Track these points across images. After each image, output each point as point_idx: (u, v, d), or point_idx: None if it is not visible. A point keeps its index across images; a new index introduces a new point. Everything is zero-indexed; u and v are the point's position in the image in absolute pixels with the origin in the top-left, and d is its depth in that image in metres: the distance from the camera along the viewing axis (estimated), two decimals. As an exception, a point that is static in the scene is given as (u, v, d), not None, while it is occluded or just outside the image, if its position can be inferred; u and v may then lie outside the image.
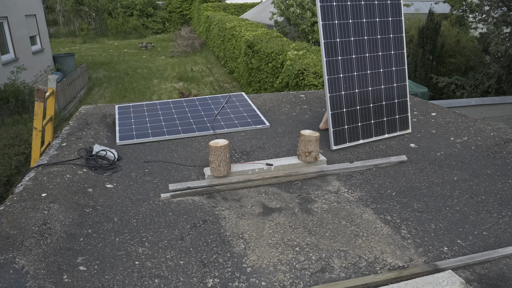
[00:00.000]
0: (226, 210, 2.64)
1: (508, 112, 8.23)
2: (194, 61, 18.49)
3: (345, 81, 3.61)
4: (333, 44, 3.58)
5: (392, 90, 3.89)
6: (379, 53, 3.80)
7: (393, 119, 3.87)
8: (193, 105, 4.61)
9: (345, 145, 3.63)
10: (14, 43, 11.90)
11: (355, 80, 3.65)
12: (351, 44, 3.67)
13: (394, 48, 3.88)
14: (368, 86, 3.68)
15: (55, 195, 2.63)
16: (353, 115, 3.66)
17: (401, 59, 3.94)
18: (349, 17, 3.64)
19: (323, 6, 3.53)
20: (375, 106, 3.80)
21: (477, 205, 2.67)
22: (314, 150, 3.11)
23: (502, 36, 9.13)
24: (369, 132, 3.74)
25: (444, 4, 16.41)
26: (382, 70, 3.80)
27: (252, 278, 2.00)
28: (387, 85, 3.83)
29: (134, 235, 2.35)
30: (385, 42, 3.84)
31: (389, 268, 2.08)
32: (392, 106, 3.90)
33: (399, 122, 3.90)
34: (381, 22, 3.83)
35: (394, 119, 3.88)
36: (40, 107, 3.55)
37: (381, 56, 3.81)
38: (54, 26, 27.24)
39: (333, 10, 3.59)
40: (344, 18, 3.63)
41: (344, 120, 3.63)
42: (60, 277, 1.98)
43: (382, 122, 3.81)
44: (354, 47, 3.67)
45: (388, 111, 3.87)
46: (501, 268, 2.07)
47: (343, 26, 3.63)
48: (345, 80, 3.61)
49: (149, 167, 3.28)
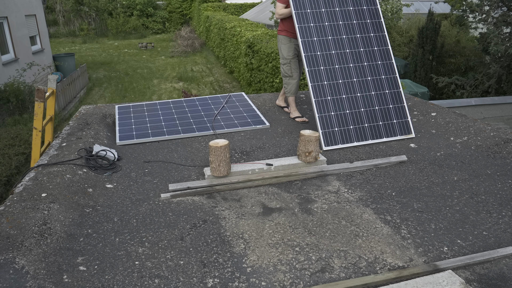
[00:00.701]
0: (226, 210, 2.64)
1: (508, 112, 8.23)
2: (194, 61, 18.50)
3: (330, 88, 3.74)
4: (314, 57, 3.80)
5: (385, 95, 3.93)
6: (364, 63, 3.94)
7: (391, 123, 3.89)
8: (193, 105, 4.61)
9: (337, 146, 3.65)
10: (14, 43, 11.90)
11: (340, 86, 3.76)
12: (333, 56, 3.86)
13: (380, 58, 3.98)
14: (356, 93, 3.78)
15: (55, 195, 2.63)
16: (343, 117, 3.73)
17: (390, 68, 4.00)
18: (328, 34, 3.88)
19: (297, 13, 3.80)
20: (367, 111, 3.85)
21: (477, 205, 2.67)
22: (314, 150, 3.11)
23: (502, 36, 9.13)
24: (364, 135, 3.75)
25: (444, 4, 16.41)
26: (370, 78, 3.90)
27: (252, 278, 2.00)
28: (377, 92, 3.90)
29: (134, 235, 2.35)
30: (370, 54, 3.99)
31: (389, 268, 2.08)
32: (387, 111, 3.93)
33: (398, 127, 3.90)
34: (363, 37, 4.00)
35: (392, 124, 3.89)
36: (40, 107, 3.55)
37: (366, 66, 3.93)
38: (54, 26, 27.24)
39: (311, 30, 3.82)
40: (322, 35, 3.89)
41: (333, 123, 3.72)
42: (60, 277, 1.98)
43: (378, 126, 3.83)
44: (336, 59, 3.82)
45: (382, 115, 3.90)
46: (501, 268, 2.07)
47: (322, 42, 3.87)
48: (330, 86, 3.75)
49: (149, 167, 3.28)
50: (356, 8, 3.97)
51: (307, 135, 3.07)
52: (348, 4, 3.96)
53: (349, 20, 3.90)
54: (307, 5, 3.82)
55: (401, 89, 4.00)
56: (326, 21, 3.79)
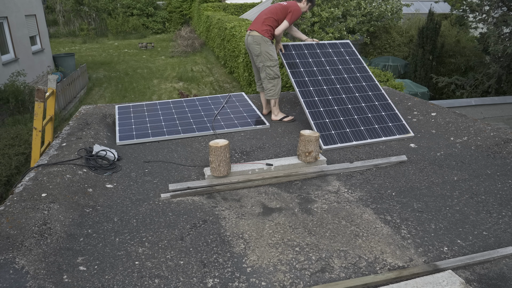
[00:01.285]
0: (226, 210, 2.64)
1: (508, 112, 8.23)
2: (194, 61, 18.49)
3: (322, 102, 4.03)
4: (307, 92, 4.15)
5: (375, 106, 4.14)
6: (350, 84, 4.32)
7: (387, 126, 3.95)
8: (193, 105, 4.61)
9: (336, 145, 3.67)
10: (14, 43, 11.90)
11: (331, 101, 4.06)
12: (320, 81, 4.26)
13: (368, 87, 4.33)
14: (347, 104, 4.06)
15: (55, 195, 2.63)
16: (338, 123, 3.85)
17: (375, 87, 4.34)
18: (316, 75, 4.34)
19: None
20: (362, 118, 3.97)
21: (477, 205, 2.67)
22: (314, 150, 3.11)
23: (502, 36, 9.13)
24: (361, 135, 3.79)
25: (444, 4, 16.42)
26: (359, 94, 4.21)
27: (252, 278, 2.00)
28: (368, 103, 4.15)
29: (134, 235, 2.35)
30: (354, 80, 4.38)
31: (389, 268, 2.08)
32: (381, 117, 4.05)
33: (395, 129, 3.95)
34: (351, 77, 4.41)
35: (388, 126, 3.95)
36: (40, 107, 3.55)
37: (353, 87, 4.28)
38: (54, 26, 27.23)
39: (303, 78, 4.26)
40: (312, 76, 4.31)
41: (329, 128, 3.81)
42: (60, 277, 1.98)
43: (374, 128, 3.90)
44: (328, 92, 4.18)
45: (377, 120, 4.00)
46: (501, 268, 2.07)
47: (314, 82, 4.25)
48: (322, 101, 4.05)
49: (149, 167, 3.28)
50: (340, 58, 4.55)
51: (307, 135, 3.07)
52: (331, 55, 4.55)
53: (336, 65, 4.46)
54: (296, 57, 4.38)
55: (390, 101, 4.26)
56: (314, 66, 4.34)
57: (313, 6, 4.32)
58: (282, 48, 4.45)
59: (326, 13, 12.74)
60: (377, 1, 13.97)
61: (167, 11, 29.33)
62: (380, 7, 13.69)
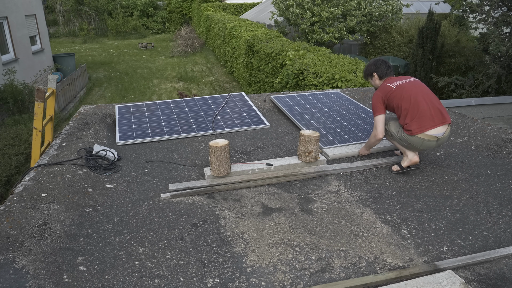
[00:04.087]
0: (226, 210, 2.64)
1: (508, 112, 8.23)
2: (194, 61, 18.50)
3: (314, 119, 4.25)
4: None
5: (370, 122, 4.20)
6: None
7: None
8: (193, 105, 4.61)
9: (335, 146, 3.66)
10: (14, 43, 11.90)
11: (324, 119, 4.28)
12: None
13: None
14: (342, 122, 4.21)
15: (55, 195, 2.63)
16: (334, 135, 3.87)
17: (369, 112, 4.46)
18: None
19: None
20: (359, 129, 3.99)
21: (477, 205, 2.67)
22: (314, 150, 3.11)
23: (502, 36, 9.13)
24: (360, 138, 3.79)
25: (444, 4, 16.42)
26: (353, 117, 4.34)
27: (252, 278, 2.00)
28: (363, 121, 4.23)
29: (134, 235, 2.35)
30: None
31: (389, 268, 2.09)
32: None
33: None
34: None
35: None
36: (40, 107, 3.55)
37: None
38: (54, 26, 27.25)
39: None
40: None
41: (327, 135, 3.83)
42: (60, 277, 1.98)
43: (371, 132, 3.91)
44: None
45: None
46: (501, 268, 2.07)
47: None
48: (314, 119, 4.25)
49: (149, 167, 3.28)
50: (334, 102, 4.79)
51: (307, 135, 3.07)
52: (325, 102, 4.78)
53: (331, 107, 4.66)
54: (294, 104, 4.66)
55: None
56: (312, 109, 4.57)
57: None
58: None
59: (326, 13, 12.74)
60: (377, 1, 13.98)
61: (167, 11, 29.34)
62: (380, 7, 13.70)
